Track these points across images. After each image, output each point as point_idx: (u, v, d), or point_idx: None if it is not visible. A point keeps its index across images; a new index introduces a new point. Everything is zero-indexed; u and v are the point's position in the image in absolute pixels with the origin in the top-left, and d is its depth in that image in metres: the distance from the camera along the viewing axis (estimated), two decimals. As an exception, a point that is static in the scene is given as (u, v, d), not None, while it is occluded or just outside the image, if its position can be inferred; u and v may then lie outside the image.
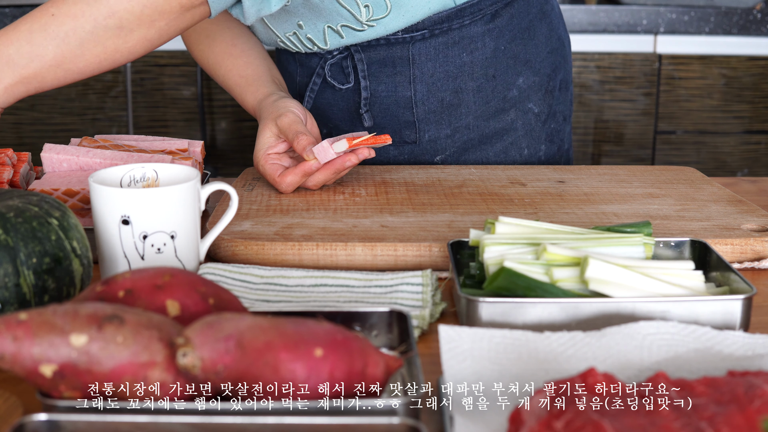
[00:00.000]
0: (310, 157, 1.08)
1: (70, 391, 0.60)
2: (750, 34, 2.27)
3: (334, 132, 1.31)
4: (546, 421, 0.56)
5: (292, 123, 1.10)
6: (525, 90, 1.30)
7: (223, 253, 0.95)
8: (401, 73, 1.24)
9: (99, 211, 0.83)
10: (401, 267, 0.93)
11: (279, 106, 1.14)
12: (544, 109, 1.33)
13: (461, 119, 1.27)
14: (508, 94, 1.29)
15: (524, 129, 1.31)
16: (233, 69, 1.25)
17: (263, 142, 1.13)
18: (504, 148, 1.31)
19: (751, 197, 1.18)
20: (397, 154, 1.30)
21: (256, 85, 1.22)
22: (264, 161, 1.12)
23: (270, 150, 1.12)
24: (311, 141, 1.08)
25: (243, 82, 1.23)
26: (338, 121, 1.30)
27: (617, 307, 0.76)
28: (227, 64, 1.26)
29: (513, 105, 1.29)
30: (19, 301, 0.71)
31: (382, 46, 1.23)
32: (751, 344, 0.71)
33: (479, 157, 1.30)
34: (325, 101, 1.30)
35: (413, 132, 1.28)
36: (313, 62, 1.28)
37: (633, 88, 2.31)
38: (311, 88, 1.29)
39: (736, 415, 0.56)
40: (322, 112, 1.31)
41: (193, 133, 2.28)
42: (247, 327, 0.60)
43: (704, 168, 2.33)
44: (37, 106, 2.24)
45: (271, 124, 1.13)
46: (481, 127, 1.29)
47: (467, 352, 0.69)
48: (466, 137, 1.29)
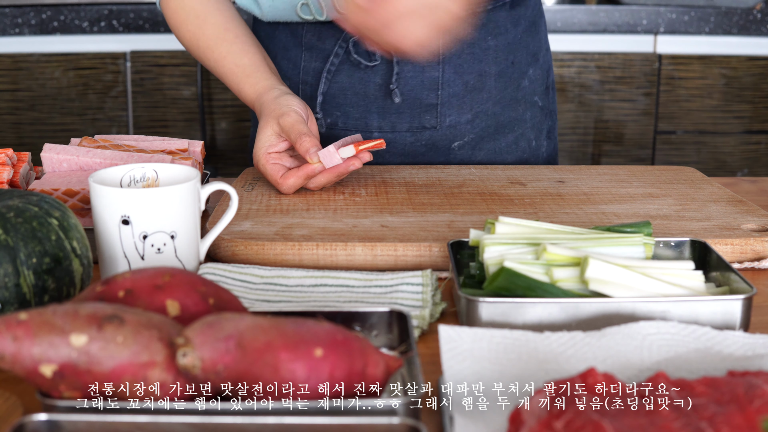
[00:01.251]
0: (314, 160, 1.08)
1: (70, 391, 0.60)
2: (750, 34, 2.27)
3: (342, 118, 1.29)
4: (546, 421, 0.56)
5: (294, 123, 1.09)
6: (533, 82, 1.32)
7: (223, 253, 0.95)
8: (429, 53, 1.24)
9: (99, 211, 0.83)
10: (401, 267, 0.93)
11: (281, 103, 1.12)
12: (545, 105, 1.35)
13: (482, 104, 1.28)
14: (521, 83, 1.30)
15: (531, 121, 1.33)
16: (228, 56, 1.21)
17: (264, 140, 1.11)
18: (515, 139, 1.32)
19: (751, 197, 1.18)
20: (413, 140, 1.29)
21: (255, 76, 1.19)
22: (265, 161, 1.11)
23: (271, 149, 1.11)
24: (315, 143, 1.08)
25: (240, 71, 1.20)
26: (349, 107, 1.28)
27: (617, 307, 0.76)
28: (221, 49, 1.21)
29: (524, 96, 1.31)
30: (19, 301, 0.71)
31: None
32: (751, 344, 0.71)
33: (493, 146, 1.30)
34: (338, 85, 1.27)
35: (434, 116, 1.27)
36: (328, 44, 1.25)
37: (633, 88, 2.30)
38: (328, 69, 1.25)
39: (736, 415, 0.56)
40: (332, 98, 1.28)
41: (193, 133, 2.28)
42: (247, 327, 0.60)
43: (704, 168, 2.33)
44: (37, 106, 2.24)
45: (273, 123, 1.11)
46: (497, 115, 1.29)
47: (467, 352, 0.69)
48: (484, 124, 1.29)
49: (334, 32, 1.24)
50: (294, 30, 1.27)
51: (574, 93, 2.30)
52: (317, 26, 1.25)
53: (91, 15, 2.17)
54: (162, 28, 2.19)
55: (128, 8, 2.17)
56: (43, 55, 2.20)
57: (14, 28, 2.16)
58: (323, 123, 1.28)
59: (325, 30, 1.25)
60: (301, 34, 1.27)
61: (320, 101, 1.26)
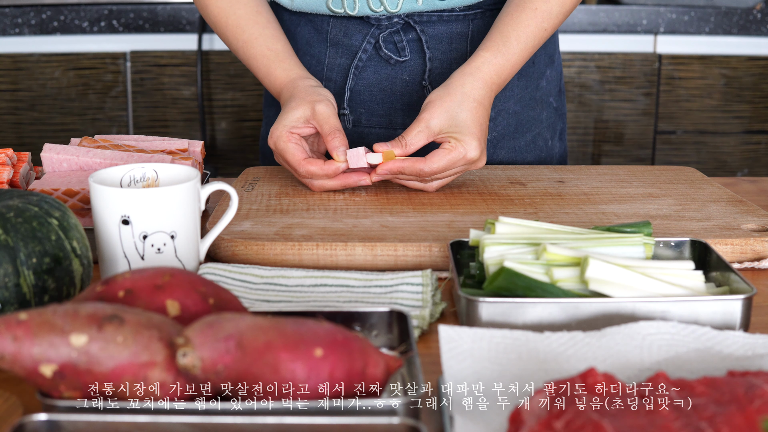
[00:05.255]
0: (341, 158, 1.07)
1: (70, 391, 0.60)
2: (750, 34, 2.27)
3: (367, 115, 1.28)
4: (546, 421, 0.56)
5: (330, 116, 1.08)
6: (550, 83, 1.33)
7: (223, 253, 0.95)
8: (457, 49, 1.24)
9: (99, 211, 0.83)
10: (401, 267, 0.93)
11: (319, 92, 1.11)
12: (558, 106, 1.36)
13: (504, 102, 1.28)
14: (540, 83, 1.31)
15: (547, 122, 1.34)
16: (260, 38, 1.19)
17: (292, 118, 1.09)
18: (533, 138, 1.32)
19: (751, 197, 1.18)
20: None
21: (290, 62, 1.17)
22: (287, 138, 1.08)
23: (295, 129, 1.09)
24: (345, 143, 1.07)
25: (272, 55, 1.18)
26: (375, 104, 1.27)
27: (617, 307, 0.76)
28: (253, 31, 1.19)
29: (541, 96, 1.32)
30: (19, 301, 0.71)
31: (444, 21, 1.22)
32: (751, 344, 0.71)
33: (513, 145, 1.31)
34: (363, 81, 1.26)
35: None
36: (355, 40, 1.24)
37: (633, 88, 2.30)
38: (356, 65, 1.25)
39: (736, 415, 0.56)
40: (358, 94, 1.27)
41: (193, 133, 2.28)
42: (247, 327, 0.60)
43: (704, 168, 2.33)
44: (37, 106, 2.24)
45: (306, 106, 1.09)
46: (518, 114, 1.30)
47: (467, 352, 0.69)
48: (505, 122, 1.29)
49: (361, 27, 1.24)
50: (318, 25, 1.26)
51: (574, 93, 2.30)
52: (343, 21, 1.24)
53: (91, 15, 2.17)
54: (162, 28, 2.19)
55: (128, 8, 2.17)
56: (43, 55, 2.20)
57: (14, 28, 2.16)
58: (349, 119, 1.28)
59: (351, 25, 1.24)
60: (326, 29, 1.26)
61: (348, 97, 1.26)
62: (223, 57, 2.23)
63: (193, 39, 2.21)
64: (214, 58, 2.23)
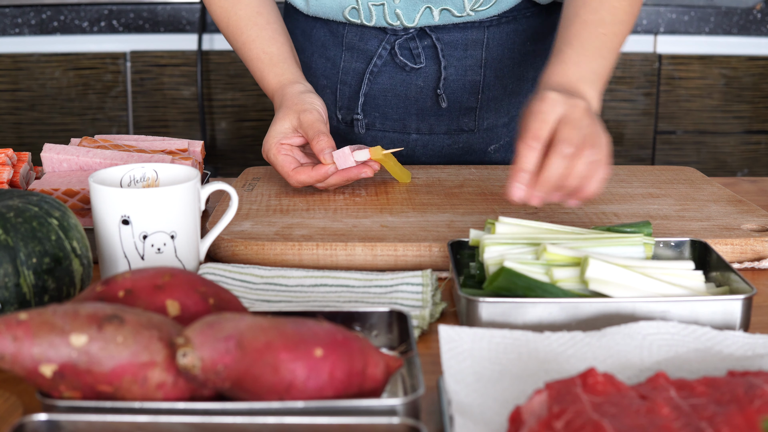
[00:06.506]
0: (328, 161, 1.07)
1: (70, 391, 0.60)
2: (750, 34, 2.27)
3: (381, 120, 1.29)
4: (546, 421, 0.56)
5: (315, 121, 1.08)
6: None
7: (223, 253, 0.95)
8: (472, 56, 1.24)
9: (99, 211, 0.83)
10: (401, 267, 0.93)
11: (304, 99, 1.11)
12: None
13: (518, 108, 1.29)
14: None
15: None
16: (257, 40, 1.19)
17: (279, 130, 1.09)
18: None
19: (751, 197, 1.18)
20: (451, 143, 1.29)
21: (281, 66, 1.17)
22: (276, 150, 1.09)
23: (284, 140, 1.09)
24: (331, 144, 1.07)
25: (266, 59, 1.18)
26: (389, 108, 1.27)
27: (617, 307, 0.76)
28: (251, 32, 1.19)
29: None
30: (19, 301, 0.71)
31: (459, 28, 1.23)
32: (751, 344, 0.71)
33: None
34: (378, 86, 1.27)
35: (472, 119, 1.28)
36: (370, 45, 1.25)
37: (633, 88, 2.30)
38: (371, 70, 1.25)
39: (736, 415, 0.56)
40: (372, 99, 1.27)
41: (193, 133, 2.28)
42: (247, 327, 0.60)
43: (704, 168, 2.33)
44: (37, 106, 2.24)
45: (293, 116, 1.09)
46: None
47: (467, 352, 0.69)
48: (519, 127, 1.29)
49: (377, 33, 1.24)
50: (334, 30, 1.27)
51: (574, 93, 2.30)
52: (359, 27, 1.25)
53: (91, 15, 2.17)
54: (162, 28, 2.19)
55: (128, 8, 2.17)
56: (43, 55, 2.20)
57: (14, 28, 2.16)
58: (363, 124, 1.28)
59: (367, 31, 1.25)
60: (342, 33, 1.26)
61: (362, 102, 1.27)
62: (223, 57, 2.23)
63: (193, 39, 2.21)
64: (214, 58, 2.23)
